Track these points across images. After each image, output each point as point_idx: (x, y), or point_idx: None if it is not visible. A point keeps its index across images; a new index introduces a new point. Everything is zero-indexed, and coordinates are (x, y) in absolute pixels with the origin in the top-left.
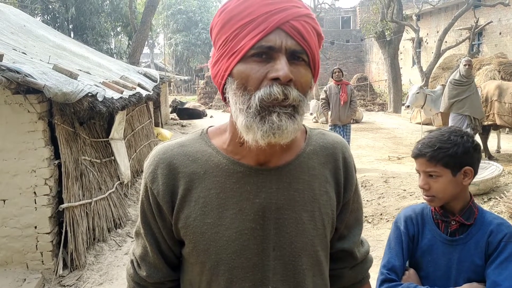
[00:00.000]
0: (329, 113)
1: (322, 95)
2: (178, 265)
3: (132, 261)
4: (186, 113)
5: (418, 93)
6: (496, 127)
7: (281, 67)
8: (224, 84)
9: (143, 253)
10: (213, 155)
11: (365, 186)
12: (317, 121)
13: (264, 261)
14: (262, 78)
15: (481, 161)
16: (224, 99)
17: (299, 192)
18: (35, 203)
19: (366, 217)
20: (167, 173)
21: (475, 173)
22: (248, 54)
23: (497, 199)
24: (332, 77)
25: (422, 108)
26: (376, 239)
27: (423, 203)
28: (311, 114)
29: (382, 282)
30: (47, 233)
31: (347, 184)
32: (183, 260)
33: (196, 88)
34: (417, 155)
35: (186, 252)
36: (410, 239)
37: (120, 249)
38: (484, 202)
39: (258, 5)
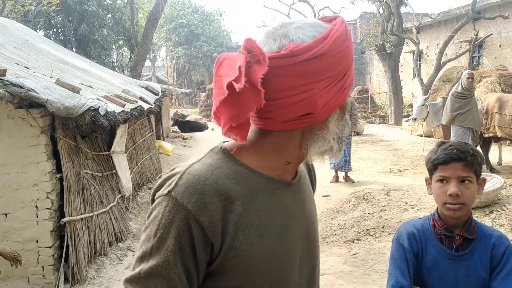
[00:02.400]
0: None
1: None
2: None
3: None
4: (188, 126)
5: (423, 105)
6: (497, 139)
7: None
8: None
9: None
10: (250, 175)
11: (367, 198)
12: None
13: (300, 271)
14: None
15: (483, 173)
16: (263, 118)
17: (311, 202)
18: (37, 217)
19: (368, 230)
20: (216, 200)
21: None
22: None
23: (498, 211)
24: None
25: (424, 120)
26: (378, 252)
27: (420, 218)
28: None
29: None
30: (48, 247)
31: (313, 186)
32: None
33: (197, 101)
34: (452, 159)
35: (229, 283)
36: (415, 256)
37: (121, 263)
38: (486, 214)
39: None
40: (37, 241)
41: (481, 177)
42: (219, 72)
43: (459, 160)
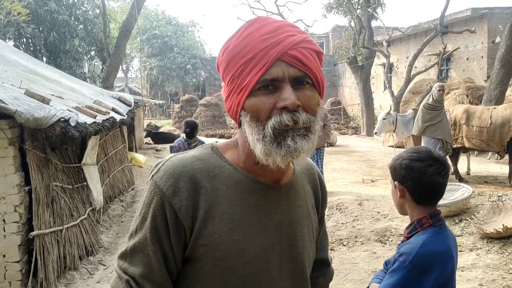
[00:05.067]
0: None
1: None
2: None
3: (127, 281)
4: (161, 137)
5: (384, 119)
6: (465, 150)
7: (288, 96)
8: (240, 117)
9: (147, 272)
10: (232, 172)
11: (340, 209)
12: None
13: (280, 274)
14: (272, 108)
15: (452, 183)
16: (240, 125)
17: (300, 208)
18: (4, 231)
19: (341, 240)
20: (190, 187)
21: (411, 191)
22: (255, 88)
23: (467, 220)
24: None
25: (394, 132)
26: (351, 262)
27: None
28: None
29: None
30: (16, 262)
31: (323, 200)
32: (188, 280)
33: (171, 112)
34: None
35: (199, 271)
36: None
37: (92, 278)
38: (456, 223)
39: (256, 42)
40: (4, 256)
41: (395, 181)
42: None
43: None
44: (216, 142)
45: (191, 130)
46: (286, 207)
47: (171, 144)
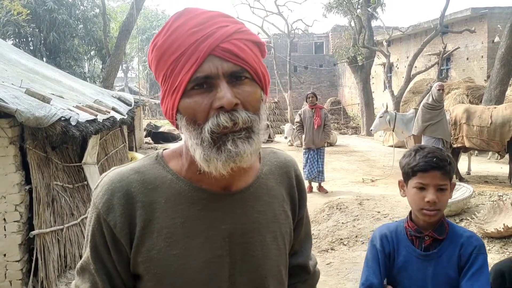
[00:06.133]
0: (303, 136)
1: (297, 119)
2: None
3: None
4: (161, 137)
5: (381, 117)
6: (465, 149)
7: (223, 94)
8: (177, 119)
9: None
10: (174, 182)
11: (340, 208)
12: (292, 145)
13: (232, 287)
14: (208, 108)
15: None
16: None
17: (261, 214)
18: (5, 230)
19: (341, 239)
20: (124, 202)
21: None
22: (188, 88)
23: (468, 220)
24: (306, 102)
25: (393, 131)
26: (352, 261)
27: (397, 221)
28: (286, 137)
29: None
30: (16, 261)
31: (301, 201)
32: None
33: None
34: (432, 168)
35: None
36: (387, 256)
37: None
38: (456, 223)
39: (184, 36)
40: (4, 255)
41: (452, 181)
42: None
43: (439, 169)
44: (164, 149)
45: None
46: (240, 215)
47: None
